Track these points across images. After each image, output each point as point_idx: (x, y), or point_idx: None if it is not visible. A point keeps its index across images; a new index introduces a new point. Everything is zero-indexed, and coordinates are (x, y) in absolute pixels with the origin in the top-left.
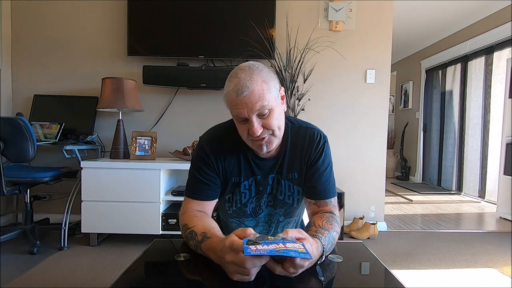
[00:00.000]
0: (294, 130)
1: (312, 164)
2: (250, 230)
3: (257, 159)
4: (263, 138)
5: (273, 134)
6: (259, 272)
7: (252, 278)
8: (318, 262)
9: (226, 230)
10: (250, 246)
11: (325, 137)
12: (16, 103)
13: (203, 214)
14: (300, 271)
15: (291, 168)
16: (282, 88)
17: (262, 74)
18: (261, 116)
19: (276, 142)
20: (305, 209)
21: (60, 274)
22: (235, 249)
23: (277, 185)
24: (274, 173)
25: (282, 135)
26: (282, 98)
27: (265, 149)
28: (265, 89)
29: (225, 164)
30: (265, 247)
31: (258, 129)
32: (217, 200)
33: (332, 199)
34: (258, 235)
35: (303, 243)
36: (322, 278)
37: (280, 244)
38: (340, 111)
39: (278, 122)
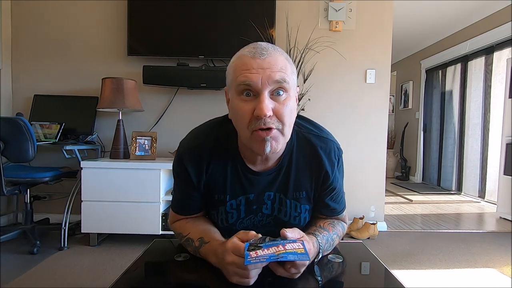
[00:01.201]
0: (302, 138)
1: (327, 185)
2: (252, 233)
3: (250, 173)
4: (270, 129)
5: (281, 130)
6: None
7: (252, 282)
8: (315, 260)
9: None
10: (251, 253)
11: (340, 151)
12: (16, 103)
13: (195, 218)
14: (302, 270)
15: (298, 186)
16: (298, 88)
17: (284, 54)
18: (275, 96)
19: (281, 143)
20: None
21: (60, 274)
22: (237, 251)
23: (279, 206)
24: (273, 191)
25: (288, 139)
26: (296, 96)
27: (268, 148)
28: (288, 66)
29: (206, 179)
30: (265, 251)
31: (268, 106)
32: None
33: (344, 211)
34: (259, 236)
35: (303, 242)
36: (319, 278)
37: (280, 246)
38: (340, 111)
39: (291, 117)
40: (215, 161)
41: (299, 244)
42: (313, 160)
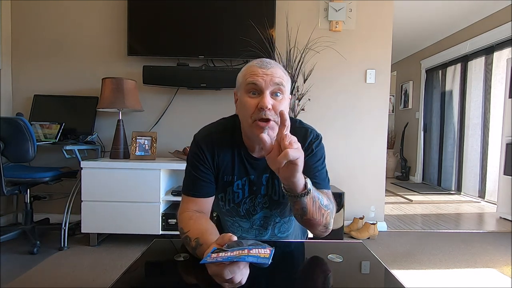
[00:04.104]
0: (290, 127)
1: (308, 163)
2: (228, 235)
3: (251, 158)
4: (268, 121)
5: (277, 122)
6: (255, 273)
7: (243, 282)
8: (304, 192)
9: (224, 228)
10: (212, 254)
11: (318, 135)
12: (16, 103)
13: (199, 215)
14: (294, 154)
15: None
16: (291, 96)
17: (282, 68)
18: (274, 96)
19: (276, 131)
20: None
21: (60, 274)
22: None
23: (272, 186)
24: (268, 173)
25: None
26: (289, 99)
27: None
28: (285, 76)
29: (219, 162)
30: (227, 254)
31: (269, 101)
32: (213, 197)
33: (325, 190)
34: (235, 238)
35: (273, 249)
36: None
37: (246, 250)
38: (340, 111)
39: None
40: (224, 147)
41: (266, 250)
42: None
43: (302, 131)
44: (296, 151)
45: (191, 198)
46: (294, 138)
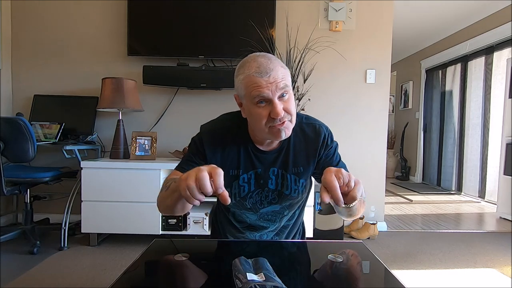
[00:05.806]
0: (297, 123)
1: (324, 160)
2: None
3: (258, 152)
4: (283, 122)
5: (291, 120)
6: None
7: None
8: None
9: (228, 222)
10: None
11: (327, 128)
12: (16, 103)
13: None
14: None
15: (296, 162)
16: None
17: (279, 61)
18: (281, 98)
19: (291, 128)
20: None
21: (60, 274)
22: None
23: (282, 180)
24: (276, 167)
25: (294, 123)
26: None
27: (283, 135)
28: (285, 72)
29: (222, 157)
30: None
31: (281, 109)
32: None
33: None
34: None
35: None
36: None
37: None
38: (340, 111)
39: (295, 108)
40: (230, 143)
41: None
42: (308, 140)
43: (311, 128)
44: (358, 191)
45: (180, 173)
46: (348, 175)
